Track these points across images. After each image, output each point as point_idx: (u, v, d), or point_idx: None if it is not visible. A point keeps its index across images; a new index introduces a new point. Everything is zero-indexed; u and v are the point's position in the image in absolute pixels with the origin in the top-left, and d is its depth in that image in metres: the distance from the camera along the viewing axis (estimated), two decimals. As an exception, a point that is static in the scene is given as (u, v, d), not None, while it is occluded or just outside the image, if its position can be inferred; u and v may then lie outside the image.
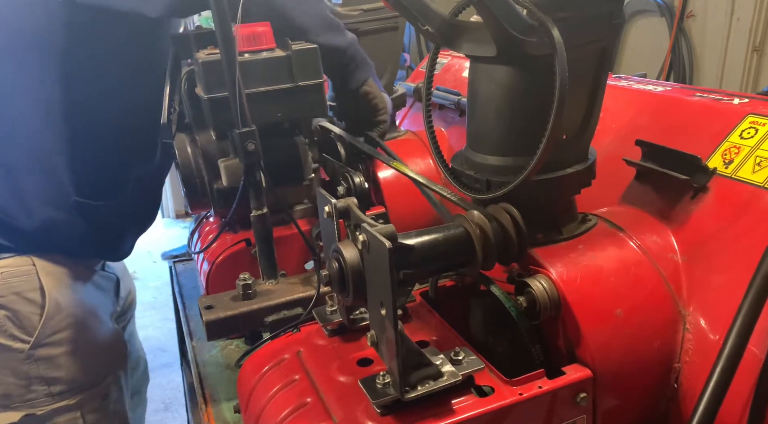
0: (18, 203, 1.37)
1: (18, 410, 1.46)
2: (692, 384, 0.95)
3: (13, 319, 1.40)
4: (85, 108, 1.37)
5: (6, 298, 1.39)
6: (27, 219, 1.37)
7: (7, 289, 1.39)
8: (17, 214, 1.37)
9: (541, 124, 0.87)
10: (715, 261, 0.98)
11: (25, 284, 1.41)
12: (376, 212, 1.42)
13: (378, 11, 1.69)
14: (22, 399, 1.45)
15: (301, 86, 1.21)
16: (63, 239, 1.44)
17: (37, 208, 1.37)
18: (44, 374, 1.45)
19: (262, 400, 0.95)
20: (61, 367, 1.46)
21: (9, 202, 1.37)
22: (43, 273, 1.42)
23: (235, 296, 1.19)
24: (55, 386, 1.47)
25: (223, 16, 1.03)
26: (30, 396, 1.46)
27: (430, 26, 0.96)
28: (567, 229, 1.04)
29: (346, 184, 1.40)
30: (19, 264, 1.41)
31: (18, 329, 1.41)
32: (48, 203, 1.38)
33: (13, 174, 1.36)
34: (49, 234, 1.41)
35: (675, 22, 4.69)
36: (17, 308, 1.40)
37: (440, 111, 1.88)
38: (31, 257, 1.42)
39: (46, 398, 1.47)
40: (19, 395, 1.45)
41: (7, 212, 1.37)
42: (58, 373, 1.46)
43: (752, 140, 1.04)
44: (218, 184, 1.33)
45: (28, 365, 1.43)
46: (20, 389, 1.45)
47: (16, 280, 1.40)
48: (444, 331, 1.00)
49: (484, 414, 0.83)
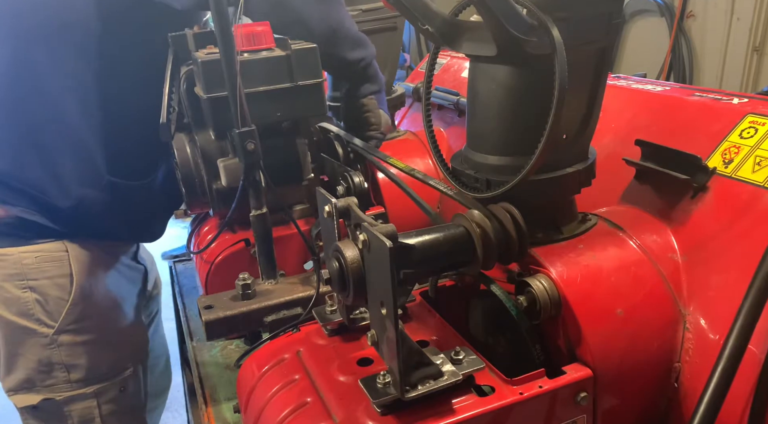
0: (54, 183, 1.40)
1: (38, 393, 1.50)
2: (692, 384, 0.95)
3: (42, 302, 1.44)
4: (117, 94, 1.42)
5: (38, 282, 1.44)
6: (63, 198, 1.41)
7: (40, 273, 1.44)
8: (54, 193, 1.41)
9: (540, 123, 0.87)
10: (715, 261, 0.98)
11: (57, 269, 1.45)
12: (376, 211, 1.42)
13: (377, 11, 1.69)
14: (43, 383, 1.50)
15: (300, 86, 1.21)
16: (97, 219, 1.47)
17: (72, 187, 1.41)
18: (65, 361, 1.49)
19: (261, 400, 0.94)
20: (81, 355, 1.50)
21: (46, 181, 1.40)
22: (74, 260, 1.46)
23: (234, 296, 1.19)
24: (75, 373, 1.50)
25: (223, 16, 1.03)
26: (50, 381, 1.49)
27: (430, 26, 0.96)
28: (567, 228, 1.04)
29: (345, 184, 1.39)
30: (53, 249, 1.45)
31: (45, 313, 1.45)
32: (83, 183, 1.42)
33: (50, 154, 1.40)
34: (83, 213, 1.44)
35: (675, 22, 4.69)
36: (47, 292, 1.45)
37: (439, 111, 1.88)
38: (65, 243, 1.46)
39: (65, 384, 1.50)
40: (40, 379, 1.49)
41: (44, 191, 1.40)
42: (79, 360, 1.50)
43: (752, 140, 1.04)
44: (217, 184, 1.33)
45: (50, 350, 1.47)
46: (41, 374, 1.49)
47: (49, 265, 1.44)
48: (444, 330, 1.00)
49: (484, 414, 0.83)
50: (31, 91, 1.37)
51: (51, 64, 1.36)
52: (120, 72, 1.41)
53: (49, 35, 1.35)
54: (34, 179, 1.40)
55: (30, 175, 1.40)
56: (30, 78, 1.37)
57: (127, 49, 1.41)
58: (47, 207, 1.41)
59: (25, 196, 1.40)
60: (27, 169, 1.40)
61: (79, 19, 1.35)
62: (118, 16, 1.37)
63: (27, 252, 1.43)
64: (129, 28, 1.39)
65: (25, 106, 1.38)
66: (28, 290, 1.44)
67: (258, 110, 1.16)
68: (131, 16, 1.38)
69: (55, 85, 1.37)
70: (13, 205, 1.40)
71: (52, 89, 1.37)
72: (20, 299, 1.44)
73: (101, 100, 1.40)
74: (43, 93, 1.37)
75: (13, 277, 1.43)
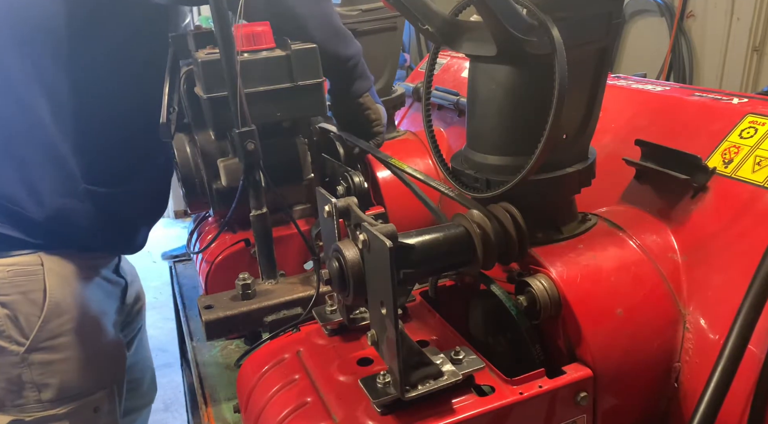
0: (29, 194, 1.36)
1: (7, 414, 1.43)
2: (692, 384, 0.95)
3: (12, 319, 1.38)
4: (92, 99, 1.37)
5: (10, 297, 1.37)
6: (38, 209, 1.37)
7: (12, 287, 1.37)
8: (29, 205, 1.36)
9: (540, 123, 0.87)
10: (715, 260, 0.98)
11: (31, 283, 1.39)
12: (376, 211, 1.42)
13: (377, 11, 1.69)
14: (13, 403, 1.43)
15: (300, 86, 1.21)
16: (74, 230, 1.42)
17: (47, 197, 1.37)
18: (36, 380, 1.42)
19: (261, 400, 0.94)
20: (54, 374, 1.43)
21: (20, 193, 1.36)
22: (49, 274, 1.40)
23: (234, 296, 1.19)
24: (46, 392, 1.43)
25: (223, 16, 1.03)
26: (20, 401, 1.43)
27: (430, 26, 0.96)
28: (567, 228, 1.04)
29: (345, 184, 1.39)
30: (27, 262, 1.39)
31: (16, 329, 1.39)
32: (58, 192, 1.38)
33: (24, 165, 1.36)
34: (60, 224, 1.39)
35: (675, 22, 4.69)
36: (19, 308, 1.38)
37: (439, 111, 1.88)
38: (40, 255, 1.40)
39: (35, 404, 1.43)
40: (9, 399, 1.42)
41: (19, 203, 1.36)
42: (51, 379, 1.43)
43: (752, 140, 1.04)
44: (217, 184, 1.33)
45: (20, 368, 1.40)
46: (11, 394, 1.42)
47: (22, 279, 1.38)
48: (444, 330, 1.00)
49: (484, 414, 0.83)
50: (6, 100, 1.33)
51: (24, 69, 1.31)
52: (96, 76, 1.36)
53: (20, 40, 1.31)
54: (8, 192, 1.35)
55: (4, 188, 1.35)
56: (3, 86, 1.33)
57: (101, 54, 1.36)
58: (22, 220, 1.36)
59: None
60: (1, 183, 1.35)
61: (52, 22, 1.29)
62: (92, 17, 1.31)
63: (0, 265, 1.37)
64: (103, 33, 1.34)
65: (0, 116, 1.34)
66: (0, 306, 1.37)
67: (258, 110, 1.16)
68: (105, 17, 1.33)
69: (29, 92, 1.32)
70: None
71: (26, 97, 1.32)
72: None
73: (76, 105, 1.35)
74: (18, 101, 1.33)
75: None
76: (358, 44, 1.40)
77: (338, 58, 1.34)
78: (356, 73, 1.41)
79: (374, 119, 1.47)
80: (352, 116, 1.47)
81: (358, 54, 1.40)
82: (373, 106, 1.46)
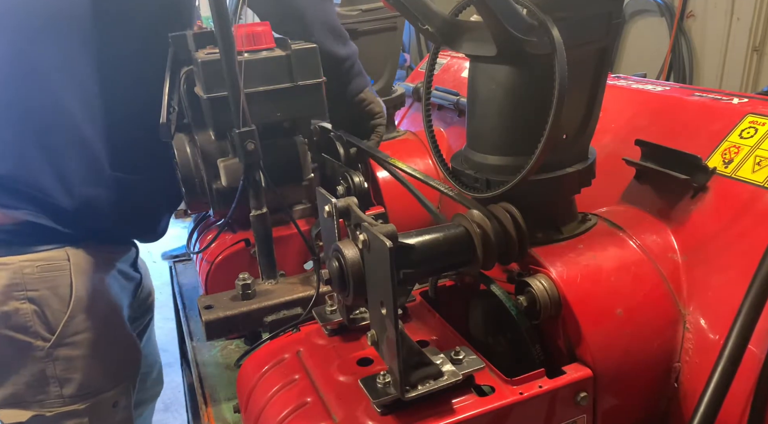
0: (59, 183, 1.38)
1: (28, 409, 1.46)
2: (692, 384, 0.95)
3: (39, 315, 1.41)
4: (119, 87, 1.40)
5: (39, 292, 1.40)
6: (68, 198, 1.39)
7: (41, 282, 1.40)
8: (58, 194, 1.38)
9: (540, 123, 0.87)
10: (715, 260, 0.98)
11: (59, 279, 1.42)
12: (376, 211, 1.42)
13: (377, 11, 1.69)
14: (34, 399, 1.45)
15: (300, 86, 1.21)
16: (101, 219, 1.45)
17: (76, 186, 1.39)
18: (59, 375, 1.45)
19: (261, 400, 0.94)
20: (77, 369, 1.46)
21: (50, 183, 1.38)
22: (75, 269, 1.43)
23: (234, 296, 1.19)
24: (68, 388, 1.46)
25: (223, 16, 1.03)
26: (41, 396, 1.45)
27: (430, 26, 0.96)
28: (567, 228, 1.04)
29: (345, 184, 1.39)
30: (55, 258, 1.42)
31: (42, 325, 1.42)
32: (87, 181, 1.40)
33: (55, 155, 1.38)
34: (88, 213, 1.42)
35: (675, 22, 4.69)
36: (47, 303, 1.41)
37: (439, 111, 1.88)
38: (67, 250, 1.43)
39: (56, 399, 1.46)
40: (30, 394, 1.45)
41: (48, 192, 1.38)
42: (73, 374, 1.46)
43: (752, 140, 1.04)
44: (217, 184, 1.33)
45: (45, 363, 1.43)
46: (32, 389, 1.45)
47: (50, 274, 1.41)
48: (444, 330, 1.00)
49: (484, 414, 0.83)
50: (36, 90, 1.35)
51: (54, 59, 1.34)
52: (121, 66, 1.39)
53: (51, 29, 1.34)
54: (39, 181, 1.37)
55: (35, 177, 1.37)
56: (33, 76, 1.35)
57: (127, 47, 1.39)
58: (52, 209, 1.39)
59: (29, 200, 1.38)
60: (32, 171, 1.37)
61: (81, 12, 1.33)
62: (116, 9, 1.35)
63: (28, 261, 1.39)
64: (129, 27, 1.38)
65: (29, 106, 1.36)
66: (27, 301, 1.39)
67: (258, 110, 1.16)
68: (128, 10, 1.36)
69: (59, 82, 1.35)
70: (16, 209, 1.37)
71: (56, 86, 1.35)
72: (18, 312, 1.39)
73: (103, 94, 1.38)
74: (47, 91, 1.35)
75: (11, 288, 1.38)
76: (354, 46, 1.41)
77: (336, 58, 1.35)
78: (353, 73, 1.42)
79: (377, 112, 1.48)
80: (351, 115, 1.47)
81: (354, 55, 1.41)
82: (375, 99, 1.48)
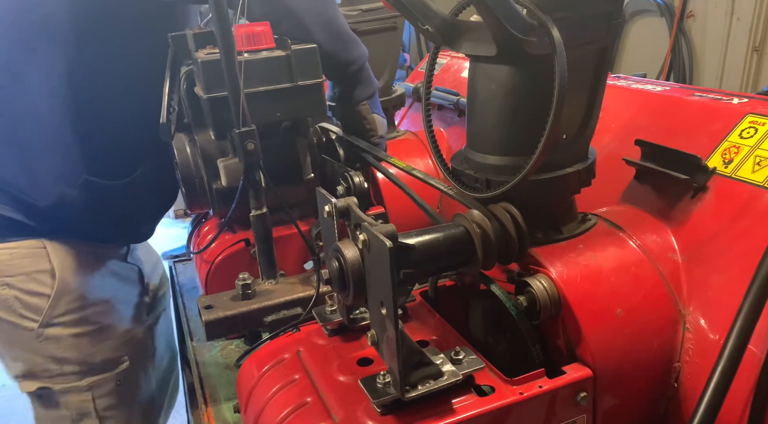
0: (31, 180, 1.40)
1: (38, 380, 1.52)
2: (692, 384, 0.95)
3: (21, 299, 1.45)
4: (99, 92, 1.40)
5: (15, 278, 1.44)
6: (40, 196, 1.41)
7: (15, 269, 1.43)
8: (31, 191, 1.40)
9: (540, 123, 0.87)
10: (715, 261, 0.98)
11: (34, 264, 1.45)
12: (376, 212, 1.42)
13: (377, 11, 1.69)
14: (43, 374, 1.52)
15: (300, 86, 1.21)
16: (76, 219, 1.46)
17: (49, 184, 1.41)
18: (55, 353, 1.50)
19: (261, 400, 0.94)
20: (70, 347, 1.51)
21: (23, 179, 1.40)
22: (54, 255, 1.46)
23: (234, 296, 1.19)
24: (67, 365, 1.52)
25: (223, 16, 1.03)
26: (46, 373, 1.52)
27: (430, 26, 0.96)
28: (567, 228, 1.04)
29: (345, 184, 1.39)
30: (29, 246, 1.44)
31: (25, 308, 1.45)
32: (60, 180, 1.41)
33: (27, 152, 1.39)
34: (61, 212, 1.43)
35: (675, 22, 4.69)
36: (26, 288, 1.45)
37: (439, 111, 1.88)
38: (43, 240, 1.45)
39: (59, 376, 1.52)
40: (40, 368, 1.51)
41: (21, 188, 1.40)
42: (69, 353, 1.51)
43: (752, 140, 1.04)
44: (217, 184, 1.33)
45: (39, 343, 1.48)
46: (37, 366, 1.51)
47: (26, 261, 1.44)
48: (444, 330, 1.00)
49: (484, 414, 0.83)
50: (10, 89, 1.36)
51: (31, 63, 1.35)
52: (104, 70, 1.39)
53: (29, 34, 1.34)
54: (11, 177, 1.40)
55: (7, 172, 1.40)
56: (9, 77, 1.36)
57: (107, 51, 1.39)
58: (25, 205, 1.41)
59: (2, 194, 1.40)
60: (4, 167, 1.40)
61: (61, 16, 1.33)
62: (101, 12, 1.35)
63: (2, 249, 1.43)
64: (111, 29, 1.37)
65: (3, 104, 1.37)
66: (6, 286, 1.44)
67: (258, 110, 1.16)
68: (114, 13, 1.36)
69: (35, 84, 1.36)
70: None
71: (32, 88, 1.36)
72: (0, 296, 1.45)
73: (83, 98, 1.38)
74: (23, 91, 1.36)
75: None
76: (364, 49, 1.39)
77: (339, 61, 1.34)
78: (358, 79, 1.40)
79: (368, 129, 1.46)
80: (352, 121, 1.47)
81: (361, 58, 1.38)
82: (369, 116, 1.45)
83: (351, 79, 1.39)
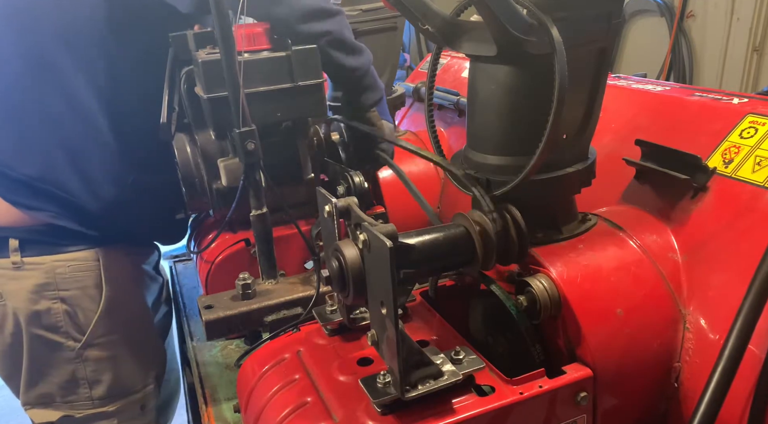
0: (84, 184, 1.41)
1: (58, 409, 1.49)
2: (692, 384, 0.95)
3: (71, 314, 1.43)
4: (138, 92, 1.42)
5: (69, 292, 1.43)
6: (93, 200, 1.41)
7: (73, 282, 1.43)
8: (84, 195, 1.41)
9: (540, 123, 0.87)
10: (715, 260, 0.98)
11: (90, 279, 1.44)
12: (376, 211, 1.42)
13: (377, 11, 1.69)
14: (64, 400, 1.48)
15: (300, 86, 1.21)
16: (126, 220, 1.47)
17: (101, 187, 1.42)
18: (89, 376, 1.48)
19: (262, 399, 0.94)
20: (106, 370, 1.49)
21: (75, 183, 1.40)
22: (105, 270, 1.46)
23: (234, 296, 1.19)
24: (97, 389, 1.49)
25: (223, 16, 1.03)
26: (71, 397, 1.48)
27: (430, 26, 0.96)
28: (567, 228, 1.04)
29: (346, 184, 1.39)
30: (86, 258, 1.44)
31: (73, 326, 1.44)
32: (110, 182, 1.43)
33: (77, 155, 1.40)
34: (114, 214, 1.44)
35: (675, 22, 4.69)
36: (78, 303, 1.44)
37: (439, 111, 1.88)
38: (97, 251, 1.45)
39: (86, 401, 1.49)
40: (61, 395, 1.48)
41: (74, 193, 1.40)
42: (103, 376, 1.49)
43: (752, 140, 1.04)
44: (217, 184, 1.33)
45: (75, 364, 1.46)
46: (63, 390, 1.48)
47: (82, 274, 1.43)
48: (444, 330, 1.00)
49: (484, 413, 0.83)
50: (55, 93, 1.37)
51: (73, 64, 1.36)
52: (139, 69, 1.41)
53: (70, 35, 1.35)
54: (64, 181, 1.39)
55: (60, 177, 1.39)
56: (53, 79, 1.37)
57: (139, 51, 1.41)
58: (77, 210, 1.41)
59: (56, 200, 1.39)
60: (57, 172, 1.39)
61: (99, 19, 1.35)
62: (136, 15, 1.38)
63: (60, 261, 1.41)
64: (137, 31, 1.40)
65: (49, 108, 1.37)
66: (59, 300, 1.42)
67: (258, 110, 1.16)
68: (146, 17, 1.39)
69: (78, 85, 1.37)
70: (43, 211, 1.39)
71: (76, 90, 1.37)
72: (50, 311, 1.42)
73: (121, 98, 1.40)
74: (67, 94, 1.37)
75: (43, 287, 1.41)
76: (369, 55, 1.39)
77: (343, 68, 1.34)
78: (363, 85, 1.40)
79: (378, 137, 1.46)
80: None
81: (366, 65, 1.38)
82: (378, 123, 1.46)
83: (356, 85, 1.40)
